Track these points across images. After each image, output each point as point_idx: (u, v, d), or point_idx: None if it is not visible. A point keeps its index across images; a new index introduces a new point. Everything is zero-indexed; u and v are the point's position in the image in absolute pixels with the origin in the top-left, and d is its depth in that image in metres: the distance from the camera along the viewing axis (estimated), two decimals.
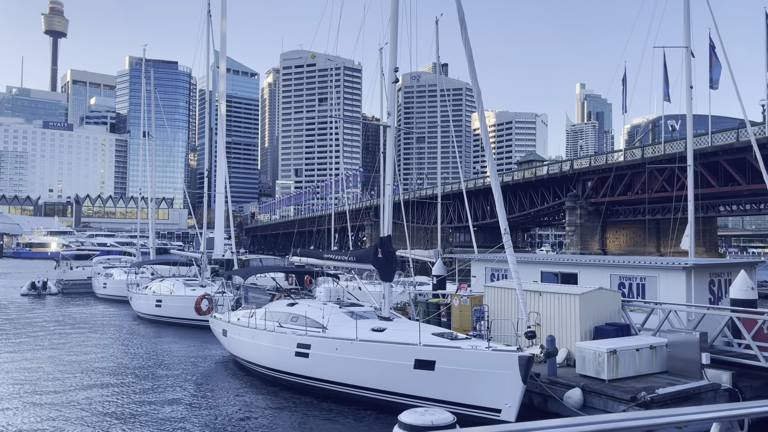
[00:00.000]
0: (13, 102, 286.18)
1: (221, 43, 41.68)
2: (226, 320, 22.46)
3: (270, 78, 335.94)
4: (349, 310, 18.86)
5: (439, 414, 10.44)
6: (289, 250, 32.32)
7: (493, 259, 23.72)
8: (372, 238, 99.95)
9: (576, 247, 65.51)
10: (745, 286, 16.56)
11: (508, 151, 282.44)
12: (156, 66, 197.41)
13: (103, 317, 36.41)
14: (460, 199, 73.02)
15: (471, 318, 19.99)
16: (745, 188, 48.77)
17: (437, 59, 43.53)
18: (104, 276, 48.94)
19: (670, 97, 31.51)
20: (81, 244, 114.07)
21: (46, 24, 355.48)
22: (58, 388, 18.08)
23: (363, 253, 21.38)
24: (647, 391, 13.48)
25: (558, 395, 14.37)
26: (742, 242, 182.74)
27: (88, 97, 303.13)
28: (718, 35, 27.79)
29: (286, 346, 18.00)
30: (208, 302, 29.13)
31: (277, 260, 78.61)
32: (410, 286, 32.38)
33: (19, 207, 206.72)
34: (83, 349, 25.00)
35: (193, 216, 62.62)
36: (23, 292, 47.92)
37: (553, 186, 70.57)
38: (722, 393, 14.26)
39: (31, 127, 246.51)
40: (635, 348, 15.11)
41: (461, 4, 17.50)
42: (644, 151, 57.60)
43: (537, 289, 18.00)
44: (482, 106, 17.62)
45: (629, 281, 19.35)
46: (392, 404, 15.19)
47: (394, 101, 20.88)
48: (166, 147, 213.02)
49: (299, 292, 27.57)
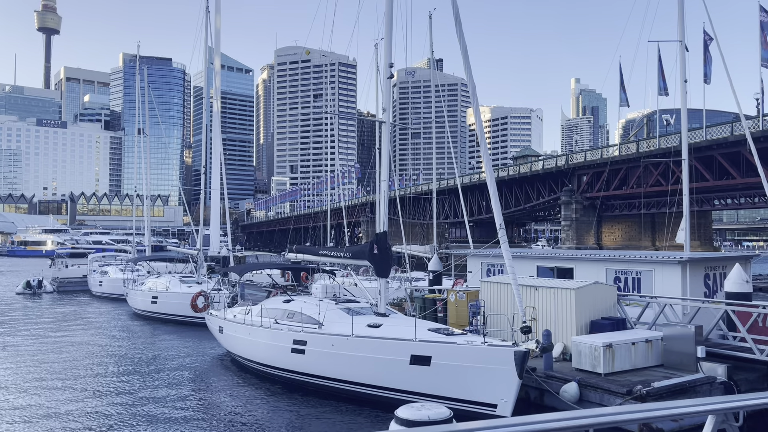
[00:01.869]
0: (6, 100, 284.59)
1: (216, 40, 41.52)
2: (222, 317, 22.44)
3: (265, 74, 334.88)
4: (345, 306, 18.85)
5: (436, 409, 10.46)
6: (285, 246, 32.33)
7: (489, 254, 23.74)
8: (368, 234, 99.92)
9: (571, 241, 65.63)
10: (740, 280, 16.63)
11: (504, 146, 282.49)
12: (150, 63, 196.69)
13: (99, 315, 36.33)
14: (455, 194, 72.79)
15: (467, 313, 20.02)
16: (740, 182, 48.94)
17: (431, 54, 43.44)
18: (100, 274, 48.80)
19: (666, 90, 31.47)
20: (76, 242, 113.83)
21: (39, 21, 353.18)
22: (54, 387, 18.03)
23: (359, 250, 21.38)
24: (643, 384, 13.53)
25: (554, 389, 14.42)
26: (737, 236, 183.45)
27: (82, 95, 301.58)
28: (712, 29, 27.83)
29: (282, 343, 18.00)
30: (205, 299, 29.08)
31: (273, 257, 78.50)
32: (406, 281, 32.38)
33: (13, 205, 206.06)
34: (79, 347, 24.94)
35: (188, 213, 62.50)
36: (18, 290, 47.75)
37: (549, 181, 70.63)
38: (717, 386, 14.33)
39: (25, 124, 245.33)
40: (631, 342, 15.17)
41: (456, 0, 17.48)
42: (639, 146, 57.69)
43: (533, 283, 18.04)
44: (477, 101, 17.61)
45: (625, 275, 19.40)
46: (388, 400, 15.20)
47: (389, 97, 20.84)
48: (161, 144, 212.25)
49: (295, 289, 27.54)
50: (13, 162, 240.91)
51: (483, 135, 17.69)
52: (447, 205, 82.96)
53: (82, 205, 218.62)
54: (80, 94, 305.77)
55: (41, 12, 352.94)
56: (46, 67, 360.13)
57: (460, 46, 17.21)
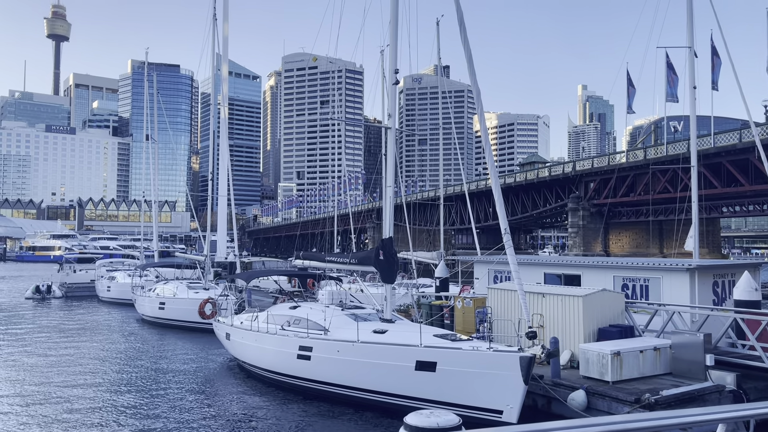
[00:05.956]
0: (16, 106, 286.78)
1: (223, 47, 41.69)
2: (229, 323, 22.45)
3: (272, 81, 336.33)
4: (351, 312, 18.82)
5: (445, 416, 10.41)
6: (292, 252, 32.36)
7: (496, 261, 23.67)
8: (374, 240, 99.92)
9: (579, 248, 65.38)
10: (749, 287, 16.50)
11: (510, 152, 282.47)
12: (158, 69, 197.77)
13: (108, 320, 36.45)
14: (462, 200, 72.90)
15: (474, 320, 19.96)
16: (748, 189, 48.67)
17: (438, 61, 43.47)
18: (108, 279, 49.00)
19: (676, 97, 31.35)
20: (84, 248, 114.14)
21: (49, 28, 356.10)
22: (63, 392, 18.08)
23: (364, 256, 21.36)
24: (651, 392, 13.43)
25: (562, 397, 14.32)
26: (745, 243, 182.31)
27: (91, 101, 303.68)
28: (721, 35, 27.70)
29: (288, 349, 17.98)
30: (212, 305, 29.13)
31: (279, 263, 78.60)
32: (413, 288, 32.33)
33: (22, 211, 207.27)
34: (88, 352, 25.02)
35: (195, 219, 62.66)
36: (27, 295, 48.02)
37: (556, 187, 70.47)
38: (727, 394, 14.20)
39: (34, 131, 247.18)
40: (639, 349, 15.06)
41: (460, 6, 17.50)
42: (647, 152, 57.50)
43: (540, 290, 17.96)
44: (482, 107, 17.61)
45: (633, 282, 19.29)
46: (394, 406, 15.15)
47: (395, 103, 20.88)
48: (168, 150, 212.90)
49: (302, 295, 27.56)
50: (22, 168, 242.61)
51: (488, 141, 17.67)
52: (453, 211, 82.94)
53: (90, 211, 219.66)
54: (89, 100, 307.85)
55: (51, 19, 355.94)
56: (56, 74, 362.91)
57: (465, 52, 17.22)
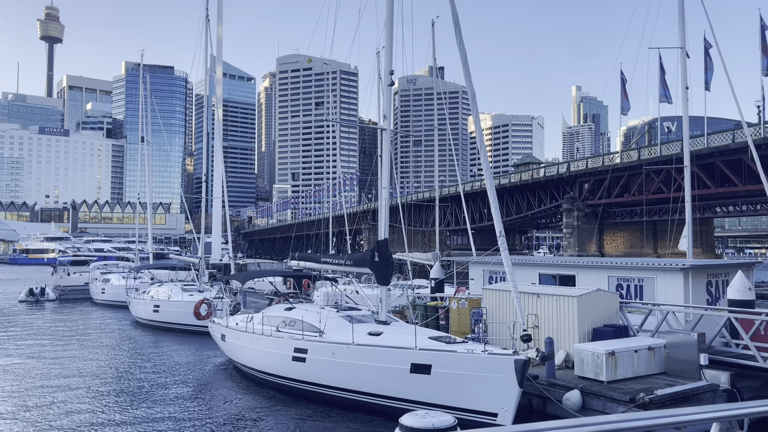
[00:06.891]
0: (9, 108, 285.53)
1: (217, 48, 41.73)
2: (224, 325, 22.40)
3: (266, 82, 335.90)
4: (346, 314, 18.79)
5: (440, 417, 10.41)
6: (287, 254, 32.32)
7: (491, 262, 23.69)
8: (369, 241, 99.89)
9: (573, 249, 65.54)
10: (743, 287, 16.56)
11: (505, 153, 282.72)
12: (152, 71, 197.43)
13: (102, 323, 36.30)
14: (457, 202, 73.03)
15: (469, 321, 19.96)
16: (741, 189, 48.88)
17: (434, 62, 43.53)
18: (102, 281, 48.81)
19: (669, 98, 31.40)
20: (78, 250, 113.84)
21: (42, 30, 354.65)
22: (56, 395, 17.99)
23: (360, 257, 21.35)
24: (646, 392, 13.46)
25: (557, 397, 14.34)
26: (739, 243, 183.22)
27: (84, 103, 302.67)
28: (713, 36, 27.83)
29: (283, 351, 17.95)
30: (207, 307, 29.06)
31: (275, 264, 78.47)
32: (408, 289, 32.31)
33: (15, 213, 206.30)
34: (83, 355, 24.92)
35: (190, 221, 62.44)
36: (21, 298, 47.77)
37: (550, 188, 70.61)
38: (721, 393, 14.26)
39: (27, 132, 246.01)
40: (633, 349, 15.10)
41: (455, 6, 17.52)
42: (641, 153, 57.68)
43: (535, 291, 17.98)
44: (477, 109, 17.63)
45: (627, 283, 19.34)
46: (388, 409, 15.13)
47: (390, 104, 20.87)
48: (162, 152, 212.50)
49: (297, 297, 27.52)
50: (15, 170, 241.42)
51: (483, 142, 17.70)
52: (449, 212, 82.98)
53: (83, 213, 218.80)
54: (82, 102, 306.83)
55: (44, 21, 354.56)
56: (49, 76, 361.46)
57: (460, 53, 17.24)
